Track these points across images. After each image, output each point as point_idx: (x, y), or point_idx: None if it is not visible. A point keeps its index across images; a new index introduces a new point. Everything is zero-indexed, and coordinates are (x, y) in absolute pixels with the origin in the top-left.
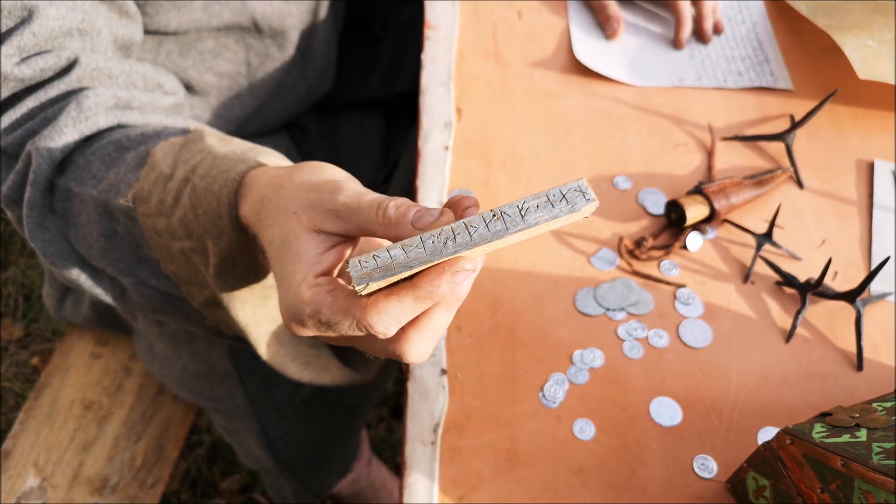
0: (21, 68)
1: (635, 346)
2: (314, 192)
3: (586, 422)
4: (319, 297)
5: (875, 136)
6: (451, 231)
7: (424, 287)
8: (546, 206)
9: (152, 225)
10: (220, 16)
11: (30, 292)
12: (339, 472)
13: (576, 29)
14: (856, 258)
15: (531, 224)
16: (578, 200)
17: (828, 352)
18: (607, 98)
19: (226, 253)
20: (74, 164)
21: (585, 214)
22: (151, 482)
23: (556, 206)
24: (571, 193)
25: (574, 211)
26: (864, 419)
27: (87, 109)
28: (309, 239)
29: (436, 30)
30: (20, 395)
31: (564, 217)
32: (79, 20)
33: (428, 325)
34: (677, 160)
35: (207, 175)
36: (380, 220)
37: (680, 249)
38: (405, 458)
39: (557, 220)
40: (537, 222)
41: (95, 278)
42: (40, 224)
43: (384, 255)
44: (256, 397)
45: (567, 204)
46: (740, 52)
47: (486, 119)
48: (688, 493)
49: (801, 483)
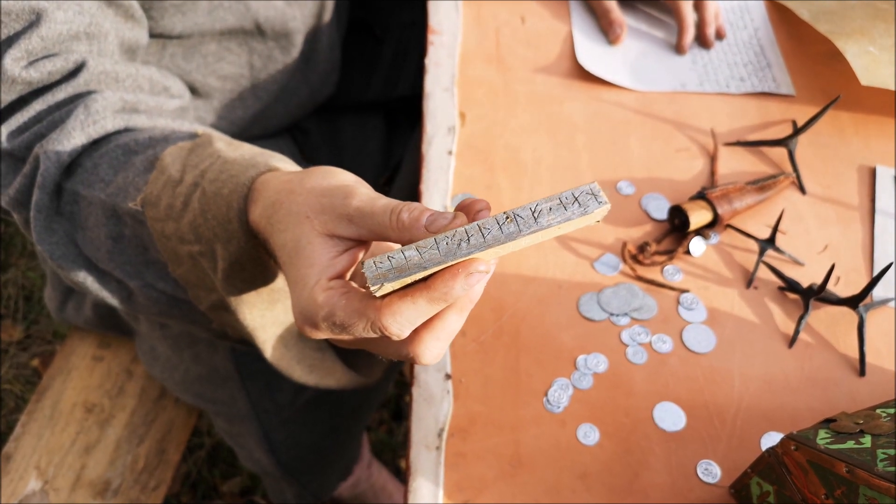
0: (29, 71)
1: (639, 350)
2: (326, 196)
3: (590, 427)
4: (334, 300)
5: (877, 142)
6: (464, 233)
7: (439, 288)
8: (558, 208)
9: (161, 229)
10: (223, 20)
11: (30, 294)
12: (340, 475)
13: (579, 34)
14: (858, 264)
15: (544, 226)
16: (590, 203)
17: (830, 357)
18: (610, 103)
19: (235, 257)
20: (82, 168)
21: (597, 218)
22: (153, 485)
23: (568, 209)
24: (584, 196)
25: (586, 213)
26: (868, 425)
27: (95, 113)
28: (322, 243)
29: (439, 34)
30: (20, 397)
31: (577, 220)
32: (86, 24)
33: (441, 328)
34: (680, 165)
35: (217, 179)
36: (393, 224)
37: (683, 254)
38: (410, 463)
39: (570, 222)
40: (550, 224)
41: (102, 281)
42: (47, 227)
43: (399, 256)
44: (258, 400)
45: (579, 207)
46: (742, 58)
47: (490, 124)
48: (691, 498)
49: (806, 489)
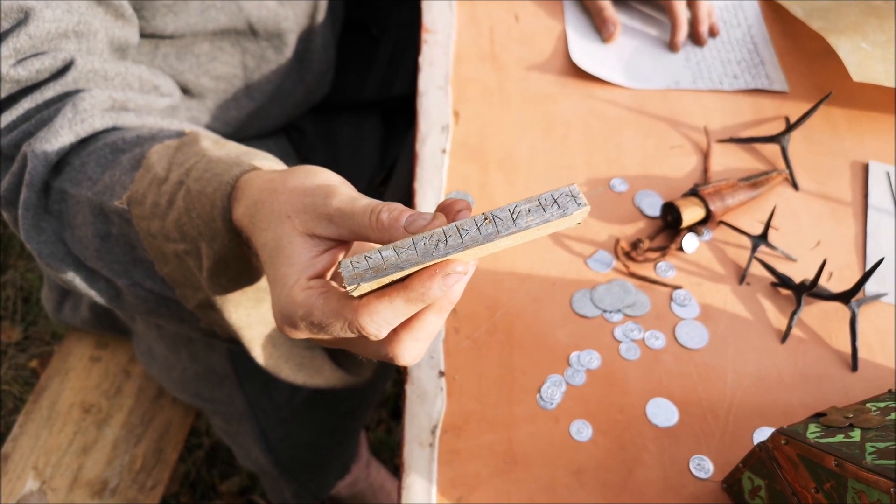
0: (17, 70)
1: (632, 347)
2: (308, 196)
3: (583, 423)
4: (312, 300)
5: (870, 138)
6: (442, 233)
7: (416, 289)
8: (537, 210)
9: (146, 227)
10: (216, 19)
11: (28, 295)
12: (338, 474)
13: (572, 32)
14: (850, 259)
15: (522, 228)
16: (570, 205)
17: (823, 352)
18: (604, 101)
19: (219, 256)
20: (70, 166)
21: (578, 220)
22: (151, 485)
23: (547, 211)
24: (563, 198)
25: (565, 216)
26: (857, 419)
27: (83, 111)
28: (302, 243)
29: (433, 33)
30: (19, 398)
31: (556, 221)
32: (75, 22)
33: (420, 328)
34: (673, 162)
35: (202, 178)
36: (373, 224)
37: (676, 251)
38: (403, 460)
39: (548, 224)
40: (528, 226)
41: (90, 280)
42: (36, 225)
43: (376, 256)
44: (256, 399)
45: (558, 209)
46: (736, 55)
47: (484, 122)
48: (684, 493)
49: (796, 483)
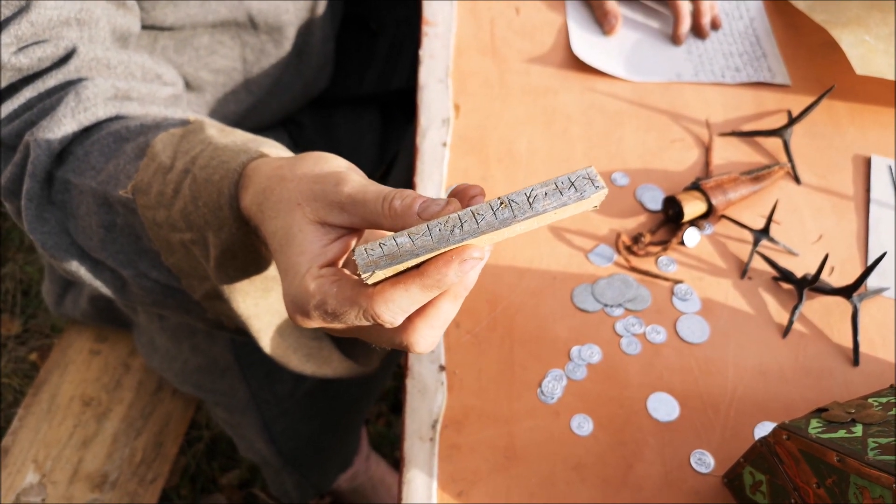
0: (18, 58)
1: (633, 341)
2: (318, 183)
3: (584, 418)
4: (325, 288)
5: (872, 132)
6: (458, 219)
7: (432, 275)
8: (554, 193)
9: (152, 216)
10: (216, 11)
11: (28, 288)
12: (339, 467)
13: (573, 25)
14: (852, 253)
15: (539, 212)
16: (587, 188)
17: (824, 347)
18: (605, 94)
19: (226, 244)
20: (73, 156)
21: (595, 203)
22: (151, 478)
23: (564, 194)
24: (580, 181)
25: (583, 198)
26: (859, 415)
27: (86, 100)
28: (313, 231)
29: (433, 26)
30: (19, 391)
31: (573, 205)
32: (76, 10)
33: (435, 315)
34: (675, 156)
35: (208, 166)
36: (385, 211)
37: (677, 245)
38: (404, 455)
39: (566, 207)
40: (545, 210)
41: (95, 270)
42: (39, 216)
43: (390, 242)
44: (258, 391)
45: (576, 191)
46: (738, 48)
47: (484, 115)
48: (685, 488)
49: (797, 478)
